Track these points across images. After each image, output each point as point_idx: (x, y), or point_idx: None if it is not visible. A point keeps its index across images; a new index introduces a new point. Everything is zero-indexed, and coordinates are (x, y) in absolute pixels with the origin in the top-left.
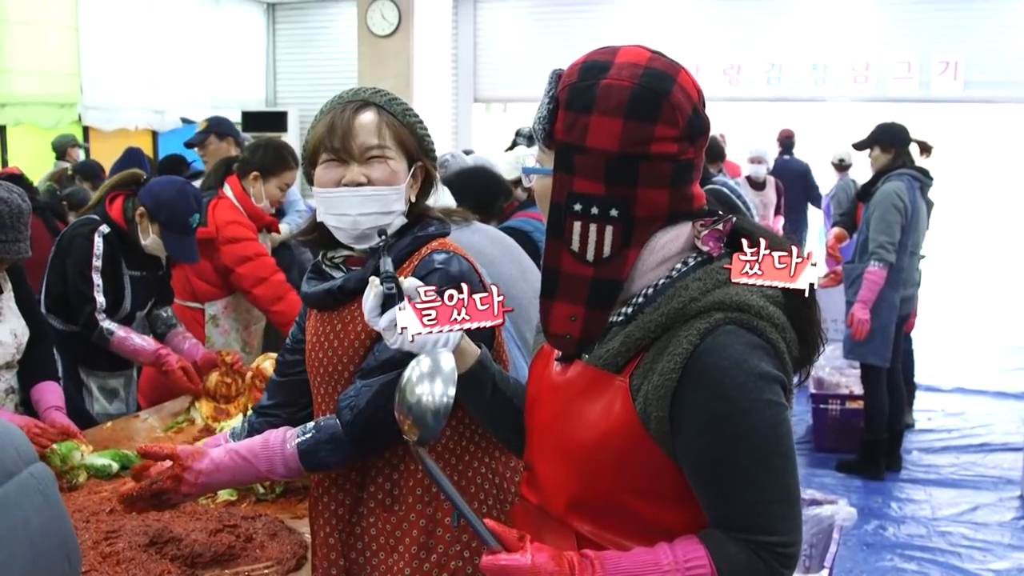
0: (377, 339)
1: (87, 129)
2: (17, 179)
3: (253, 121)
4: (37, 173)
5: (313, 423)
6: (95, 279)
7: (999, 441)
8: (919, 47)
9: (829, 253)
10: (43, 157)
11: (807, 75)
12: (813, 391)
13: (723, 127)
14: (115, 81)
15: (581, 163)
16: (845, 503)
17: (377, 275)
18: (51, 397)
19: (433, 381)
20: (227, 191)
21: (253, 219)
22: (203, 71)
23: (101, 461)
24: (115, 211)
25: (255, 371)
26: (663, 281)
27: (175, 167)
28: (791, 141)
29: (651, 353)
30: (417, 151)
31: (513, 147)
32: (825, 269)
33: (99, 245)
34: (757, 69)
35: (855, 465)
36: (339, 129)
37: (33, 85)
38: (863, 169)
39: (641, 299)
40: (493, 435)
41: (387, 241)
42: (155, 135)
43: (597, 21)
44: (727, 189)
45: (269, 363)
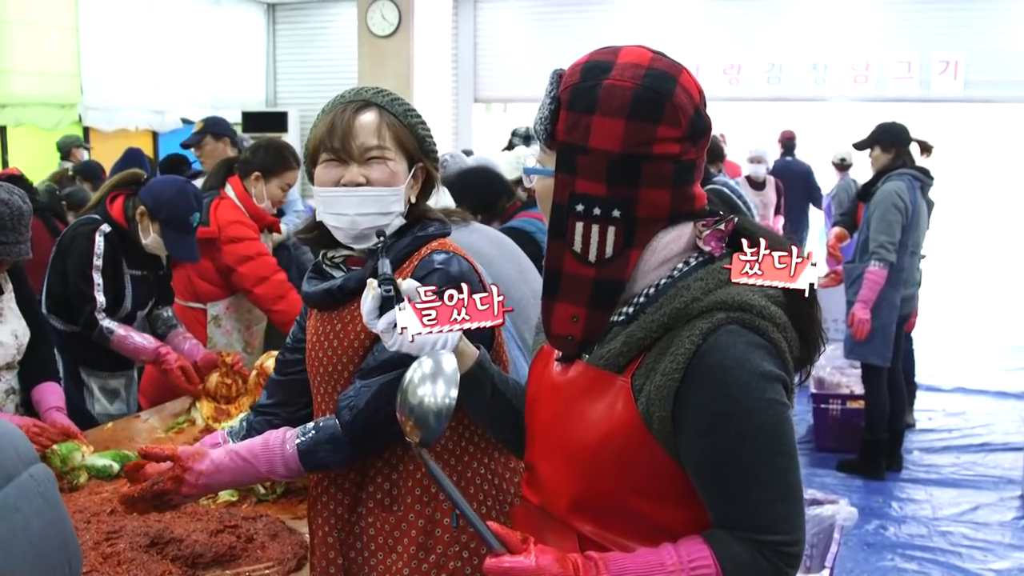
0: (377, 339)
1: (87, 130)
2: (17, 180)
3: (253, 121)
4: (37, 174)
5: (313, 423)
6: (96, 278)
7: (1000, 441)
8: (919, 47)
9: (830, 253)
10: (43, 158)
11: (807, 75)
12: (814, 391)
13: (723, 127)
14: (115, 82)
15: (583, 164)
16: (846, 503)
17: (375, 277)
18: (52, 398)
19: (435, 382)
20: (229, 191)
21: (255, 219)
22: (203, 71)
23: (102, 462)
24: (116, 210)
25: (260, 369)
26: (665, 281)
27: (177, 166)
28: (792, 142)
29: (653, 353)
30: (418, 152)
31: (510, 147)
32: (826, 269)
33: (100, 244)
34: (757, 69)
35: (856, 465)
36: (339, 129)
37: (33, 86)
38: (864, 169)
39: (642, 299)
40: (493, 436)
41: (385, 242)
42: (155, 135)
43: (597, 21)
44: (727, 189)
45: (272, 362)
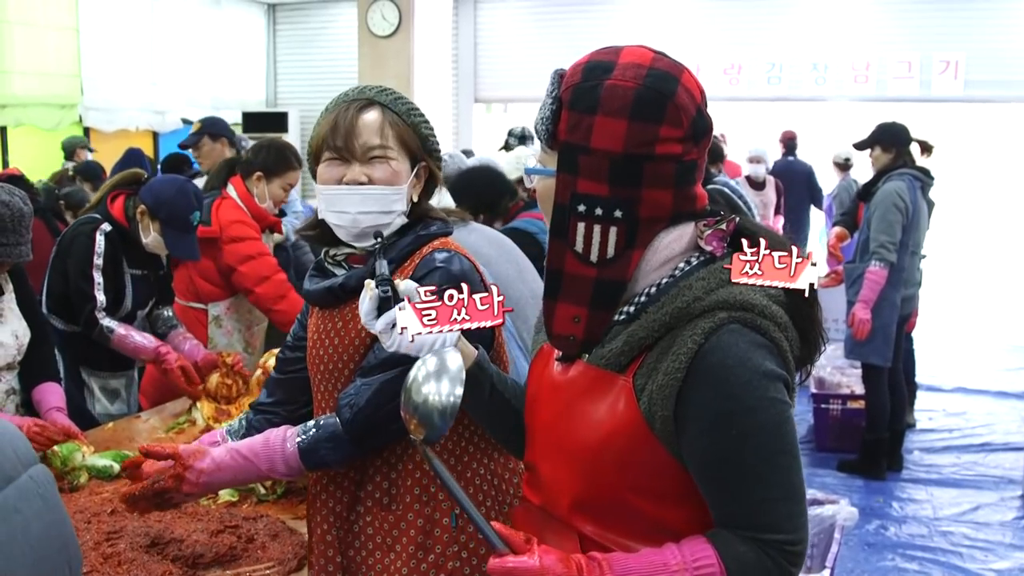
0: (377, 337)
1: (88, 130)
2: (18, 180)
3: (254, 122)
4: (37, 174)
5: (313, 421)
6: (96, 277)
7: (1000, 441)
8: (919, 47)
9: (830, 252)
10: (44, 158)
11: (807, 75)
12: (814, 391)
13: (724, 127)
14: (116, 82)
15: (585, 164)
16: (846, 503)
17: (372, 278)
18: (52, 398)
19: (440, 380)
20: (231, 191)
21: (257, 219)
22: (204, 72)
23: (102, 462)
24: (116, 210)
25: (264, 368)
26: (666, 280)
27: (178, 166)
28: (794, 142)
29: (655, 352)
30: (420, 151)
31: (506, 147)
32: (826, 269)
33: (101, 243)
34: (757, 69)
35: (856, 465)
36: (342, 128)
37: (33, 86)
38: (864, 169)
39: (644, 298)
40: (492, 436)
41: (383, 243)
42: (156, 136)
43: (598, 21)
44: (728, 189)
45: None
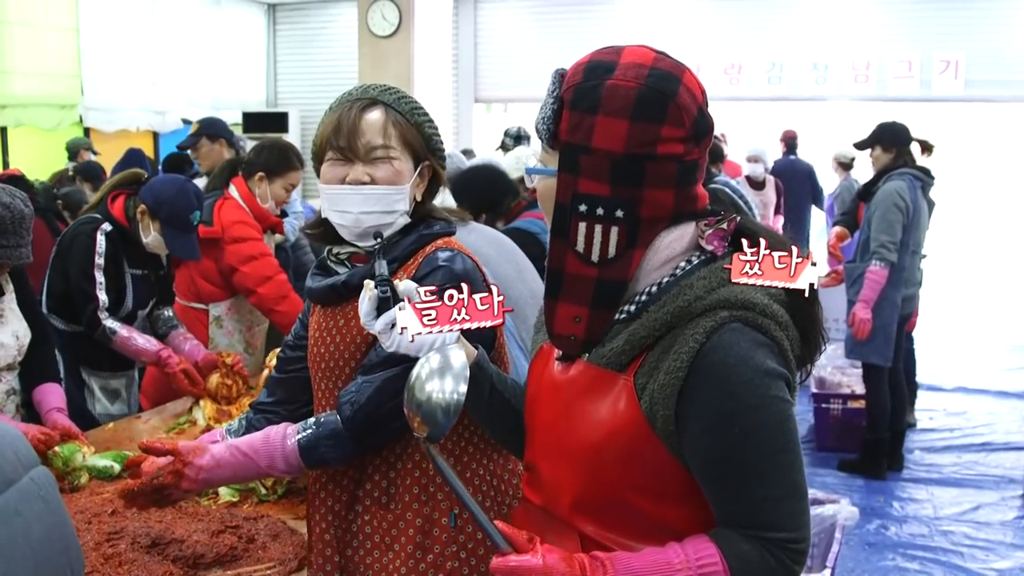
0: None
1: (88, 130)
2: (18, 181)
3: (254, 122)
4: (38, 174)
5: (314, 419)
6: (98, 277)
7: (1001, 440)
8: (920, 46)
9: (830, 252)
10: (44, 158)
11: (808, 74)
12: (815, 391)
13: (724, 127)
14: (116, 82)
15: (586, 164)
16: (847, 502)
17: (372, 278)
18: (53, 399)
19: (443, 378)
20: (233, 192)
21: (259, 219)
22: (204, 72)
23: (103, 462)
24: (117, 209)
25: (269, 367)
26: (667, 279)
27: (179, 166)
28: (795, 141)
29: (656, 351)
30: (424, 150)
31: (502, 147)
32: (826, 268)
33: (101, 243)
34: (758, 68)
35: (857, 464)
36: (345, 127)
37: (34, 86)
38: (865, 168)
39: (645, 297)
40: (492, 436)
41: (383, 243)
42: (156, 136)
43: (598, 21)
44: (728, 189)
45: None
